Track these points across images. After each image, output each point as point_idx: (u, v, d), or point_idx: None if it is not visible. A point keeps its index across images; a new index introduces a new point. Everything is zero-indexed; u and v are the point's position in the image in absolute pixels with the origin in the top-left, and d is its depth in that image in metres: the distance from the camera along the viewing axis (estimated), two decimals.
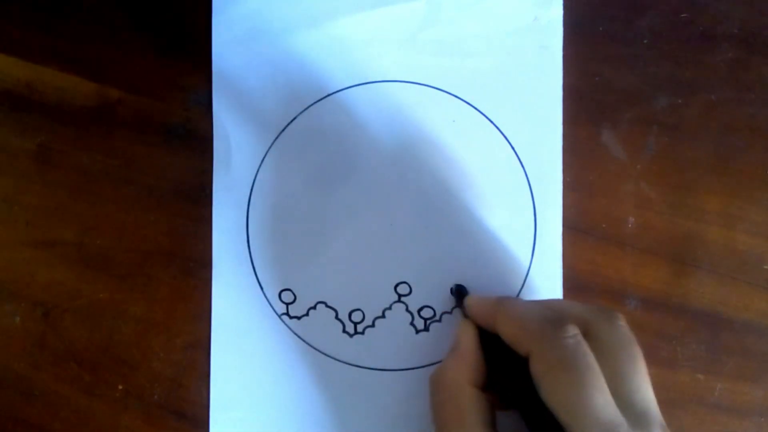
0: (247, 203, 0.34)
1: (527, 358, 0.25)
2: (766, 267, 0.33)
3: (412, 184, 0.34)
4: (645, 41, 0.34)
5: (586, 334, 0.25)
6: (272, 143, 0.34)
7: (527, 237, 0.33)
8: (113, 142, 0.34)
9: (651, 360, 0.33)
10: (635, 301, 0.33)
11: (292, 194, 0.34)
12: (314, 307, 0.34)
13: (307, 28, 0.34)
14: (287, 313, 0.34)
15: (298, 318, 0.34)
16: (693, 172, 0.33)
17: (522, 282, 0.33)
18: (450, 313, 0.33)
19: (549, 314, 0.26)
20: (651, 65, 0.34)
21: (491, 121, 0.34)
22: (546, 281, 0.33)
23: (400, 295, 0.33)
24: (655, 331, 0.33)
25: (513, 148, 0.33)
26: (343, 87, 0.34)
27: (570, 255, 0.33)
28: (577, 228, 0.33)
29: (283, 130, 0.34)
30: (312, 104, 0.34)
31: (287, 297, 0.34)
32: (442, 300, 0.33)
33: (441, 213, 0.33)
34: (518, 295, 0.33)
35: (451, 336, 0.30)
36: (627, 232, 0.33)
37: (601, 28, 0.34)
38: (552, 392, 0.24)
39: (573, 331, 0.25)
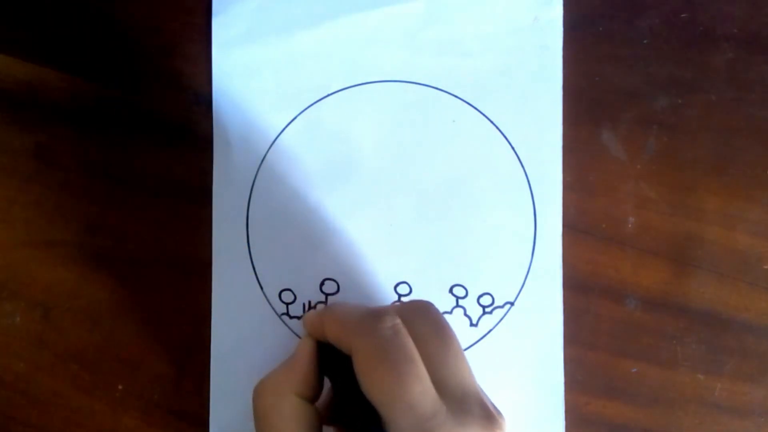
0: (247, 203, 0.34)
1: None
2: (766, 267, 0.33)
3: (412, 184, 0.34)
4: (645, 41, 0.34)
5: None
6: (272, 143, 0.34)
7: (527, 237, 0.33)
8: (113, 142, 0.34)
9: (651, 360, 0.33)
10: (635, 301, 0.33)
11: (292, 194, 0.34)
12: (314, 307, 0.34)
13: (307, 28, 0.34)
14: (287, 313, 0.34)
15: (298, 318, 0.34)
16: (693, 172, 0.33)
17: (522, 282, 0.33)
18: (450, 312, 0.33)
19: (369, 310, 0.25)
20: (651, 65, 0.34)
21: (491, 121, 0.34)
22: (546, 281, 0.33)
23: (400, 295, 0.33)
24: (655, 331, 0.33)
25: (513, 148, 0.33)
26: (343, 87, 0.34)
27: (570, 255, 0.33)
28: (577, 228, 0.33)
29: (283, 130, 0.34)
30: (312, 104, 0.34)
31: (287, 297, 0.34)
32: (442, 300, 0.33)
33: (441, 213, 0.33)
34: (518, 295, 0.33)
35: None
36: (627, 232, 0.33)
37: (601, 28, 0.34)
38: (371, 386, 0.23)
39: (391, 321, 0.24)
